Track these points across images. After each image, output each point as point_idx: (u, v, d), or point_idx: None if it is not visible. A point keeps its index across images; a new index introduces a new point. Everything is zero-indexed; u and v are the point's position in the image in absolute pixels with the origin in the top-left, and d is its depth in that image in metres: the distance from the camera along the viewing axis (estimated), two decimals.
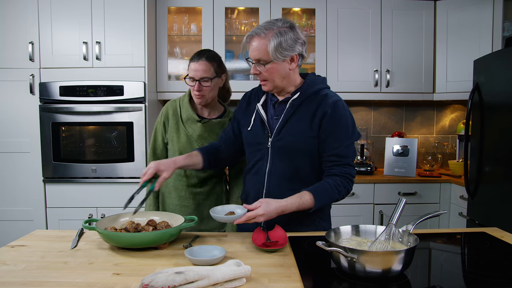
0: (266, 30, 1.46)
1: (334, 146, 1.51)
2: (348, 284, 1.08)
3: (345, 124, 1.53)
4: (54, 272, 1.17)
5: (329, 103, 1.52)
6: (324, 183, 1.49)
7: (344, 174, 1.51)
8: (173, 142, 1.85)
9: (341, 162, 1.51)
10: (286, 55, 1.47)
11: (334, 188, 1.48)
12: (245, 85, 3.16)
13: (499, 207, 2.42)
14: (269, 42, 1.45)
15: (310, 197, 1.44)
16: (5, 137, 2.91)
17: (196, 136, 1.83)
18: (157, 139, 1.91)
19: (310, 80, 1.59)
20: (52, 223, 2.92)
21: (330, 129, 1.51)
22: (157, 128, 1.91)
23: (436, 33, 3.28)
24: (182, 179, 1.87)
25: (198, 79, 1.75)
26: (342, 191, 1.51)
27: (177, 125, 1.85)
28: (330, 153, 1.52)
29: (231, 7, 3.25)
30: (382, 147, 3.52)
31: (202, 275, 1.04)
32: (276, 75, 1.50)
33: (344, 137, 1.52)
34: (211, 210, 1.46)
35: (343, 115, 1.52)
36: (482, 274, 1.16)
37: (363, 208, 3.05)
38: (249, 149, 1.66)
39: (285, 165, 1.55)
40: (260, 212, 1.36)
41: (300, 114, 1.53)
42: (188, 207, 1.87)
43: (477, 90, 2.64)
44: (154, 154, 1.91)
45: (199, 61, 1.76)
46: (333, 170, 1.52)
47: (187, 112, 1.85)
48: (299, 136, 1.52)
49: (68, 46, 2.87)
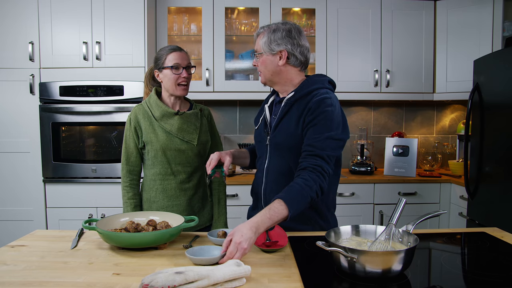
0: (267, 27, 1.60)
1: (312, 137, 1.46)
2: (348, 284, 1.08)
3: (328, 118, 1.47)
4: (54, 272, 1.17)
5: (315, 100, 1.50)
6: (292, 184, 1.38)
7: (313, 166, 1.40)
8: (152, 142, 1.83)
9: (313, 153, 1.43)
10: (273, 49, 1.57)
11: (304, 186, 1.36)
12: (245, 85, 3.17)
13: (499, 207, 2.41)
14: (263, 36, 1.58)
15: (280, 204, 1.31)
16: (5, 137, 2.91)
17: (176, 130, 1.83)
18: (129, 147, 1.88)
19: (308, 80, 1.61)
20: (52, 223, 2.92)
21: (311, 122, 1.48)
22: (127, 136, 1.88)
23: (436, 33, 3.28)
24: (169, 177, 1.86)
25: (185, 66, 1.81)
26: (314, 186, 1.37)
27: (151, 125, 1.83)
28: (306, 143, 1.47)
29: (231, 7, 3.25)
30: (382, 147, 3.52)
31: (202, 275, 1.04)
32: (265, 67, 1.59)
33: (324, 130, 1.45)
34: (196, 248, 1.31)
35: (327, 110, 1.47)
36: (482, 274, 1.16)
37: (363, 208, 3.05)
38: (256, 147, 1.76)
39: (280, 162, 1.60)
40: (237, 241, 1.21)
41: (292, 113, 1.57)
42: (180, 205, 1.87)
43: (477, 90, 2.64)
44: (127, 161, 1.89)
45: (181, 51, 1.84)
46: (303, 162, 1.43)
47: (160, 108, 1.83)
48: (288, 134, 1.56)
49: (68, 46, 2.88)
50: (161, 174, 1.86)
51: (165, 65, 1.80)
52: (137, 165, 1.91)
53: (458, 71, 3.18)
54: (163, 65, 1.81)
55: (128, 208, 1.88)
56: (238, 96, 3.20)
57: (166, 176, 1.86)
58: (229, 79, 3.23)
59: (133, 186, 1.90)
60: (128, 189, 1.89)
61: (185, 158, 1.86)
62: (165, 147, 1.83)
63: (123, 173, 1.90)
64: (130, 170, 1.90)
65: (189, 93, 1.91)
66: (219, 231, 1.49)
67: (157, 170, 1.86)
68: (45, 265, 1.23)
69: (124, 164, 1.90)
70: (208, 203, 1.96)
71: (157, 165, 1.86)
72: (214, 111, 3.44)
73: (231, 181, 2.95)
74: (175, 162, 1.85)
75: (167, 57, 1.80)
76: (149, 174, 1.90)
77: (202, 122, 1.92)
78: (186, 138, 1.84)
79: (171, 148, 1.83)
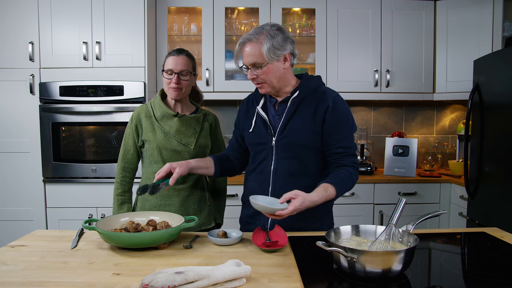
0: (257, 34, 1.51)
1: (340, 138, 1.58)
2: (348, 284, 1.08)
3: (346, 117, 1.61)
4: (54, 272, 1.17)
5: (330, 98, 1.59)
6: (339, 173, 1.55)
7: (352, 164, 1.59)
8: (150, 141, 1.85)
9: (348, 153, 1.59)
10: (279, 55, 1.53)
11: (349, 177, 1.55)
12: (245, 85, 3.16)
13: (499, 207, 2.41)
14: (262, 44, 1.50)
15: (333, 189, 1.49)
16: (5, 137, 2.91)
17: (174, 132, 1.84)
18: (128, 143, 1.91)
19: (306, 79, 1.64)
20: (52, 223, 2.92)
21: (334, 122, 1.57)
22: (127, 132, 1.91)
23: (436, 33, 3.28)
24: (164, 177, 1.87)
25: (177, 72, 1.80)
26: (354, 180, 1.59)
27: (152, 125, 1.86)
28: (337, 145, 1.58)
29: (231, 7, 3.25)
30: (382, 147, 3.52)
31: (202, 275, 1.04)
32: (272, 76, 1.54)
33: (347, 130, 1.60)
34: (252, 197, 1.45)
35: (343, 108, 1.60)
36: (482, 274, 1.16)
37: (363, 208, 3.05)
38: (253, 150, 1.70)
39: (290, 163, 1.59)
40: (297, 205, 1.37)
41: (302, 111, 1.58)
42: (173, 205, 1.86)
43: (477, 90, 2.64)
44: (124, 158, 1.91)
45: (179, 55, 1.82)
46: (343, 161, 1.58)
47: (161, 109, 1.86)
48: (303, 132, 1.56)
49: (68, 46, 2.88)
50: (155, 173, 1.85)
51: (164, 68, 1.84)
52: (132, 163, 1.92)
53: (458, 71, 3.18)
54: (163, 67, 1.85)
55: (115, 205, 1.89)
56: (238, 96, 3.20)
57: None
58: (229, 79, 3.23)
59: (124, 183, 1.91)
60: (118, 185, 1.90)
61: (181, 160, 1.84)
62: (161, 147, 1.84)
63: (118, 168, 1.92)
64: (124, 167, 1.91)
65: None
66: (219, 231, 1.49)
67: (153, 169, 1.87)
68: (45, 265, 1.23)
69: (120, 159, 1.92)
70: (207, 207, 1.94)
71: (153, 164, 1.87)
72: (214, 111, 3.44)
73: (231, 181, 2.94)
74: (170, 162, 1.84)
75: (166, 60, 1.84)
76: (146, 173, 1.91)
77: (203, 127, 1.93)
78: (183, 141, 1.85)
79: (167, 148, 1.84)
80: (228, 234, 1.49)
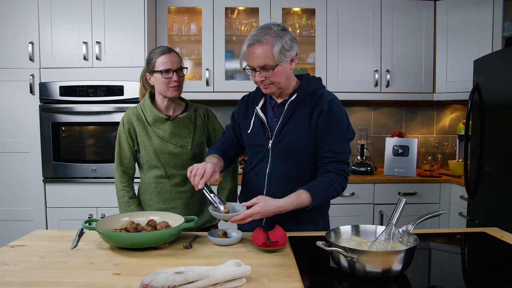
0: (266, 35, 1.46)
1: (330, 142, 1.53)
2: (348, 284, 1.08)
3: (341, 121, 1.55)
4: (54, 272, 1.17)
5: (325, 101, 1.55)
6: (320, 181, 1.50)
7: (338, 171, 1.52)
8: (145, 146, 1.82)
9: (336, 159, 1.53)
10: (288, 56, 1.50)
11: (330, 185, 1.49)
12: (245, 85, 3.16)
13: (499, 207, 2.41)
14: (273, 46, 1.45)
15: (307, 196, 1.45)
16: (5, 137, 2.91)
17: (168, 135, 1.81)
18: (123, 148, 1.86)
19: (305, 81, 1.61)
20: (52, 223, 2.92)
21: (326, 125, 1.53)
22: (121, 137, 1.86)
23: (436, 33, 3.28)
24: (164, 180, 1.84)
25: (175, 69, 1.76)
26: (337, 188, 1.52)
27: (145, 129, 1.82)
28: (326, 149, 1.53)
29: (231, 7, 3.25)
30: (382, 147, 3.52)
31: (202, 275, 1.04)
32: (281, 77, 1.51)
33: (340, 134, 1.54)
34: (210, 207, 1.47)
35: (338, 112, 1.55)
36: (482, 274, 1.16)
37: (363, 208, 3.05)
38: (250, 151, 1.69)
39: (286, 166, 1.57)
40: (256, 210, 1.37)
41: (299, 115, 1.55)
42: (176, 208, 1.84)
43: (477, 90, 2.64)
44: (121, 163, 1.86)
45: (171, 53, 1.78)
46: (328, 167, 1.53)
47: (153, 113, 1.81)
48: (299, 136, 1.54)
49: (68, 46, 2.87)
50: (155, 177, 1.84)
51: (156, 69, 1.76)
52: (130, 167, 1.88)
53: (458, 71, 3.18)
54: (154, 68, 1.77)
55: (132, 207, 1.83)
56: (238, 96, 3.14)
57: (160, 179, 1.84)
58: (229, 79, 3.23)
59: (131, 187, 1.89)
60: (128, 189, 1.86)
61: (180, 162, 1.84)
62: (158, 151, 1.81)
63: (118, 174, 1.87)
64: (124, 171, 1.87)
65: (189, 93, 1.91)
66: (219, 231, 1.49)
67: (152, 173, 1.85)
68: (45, 265, 1.23)
69: (118, 165, 1.87)
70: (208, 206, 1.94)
71: (152, 168, 1.85)
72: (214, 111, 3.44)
73: None
74: (169, 165, 1.83)
75: (157, 60, 1.76)
76: (145, 177, 1.89)
77: (197, 124, 1.89)
78: (180, 143, 1.82)
79: (164, 152, 1.81)
80: (228, 234, 1.49)
